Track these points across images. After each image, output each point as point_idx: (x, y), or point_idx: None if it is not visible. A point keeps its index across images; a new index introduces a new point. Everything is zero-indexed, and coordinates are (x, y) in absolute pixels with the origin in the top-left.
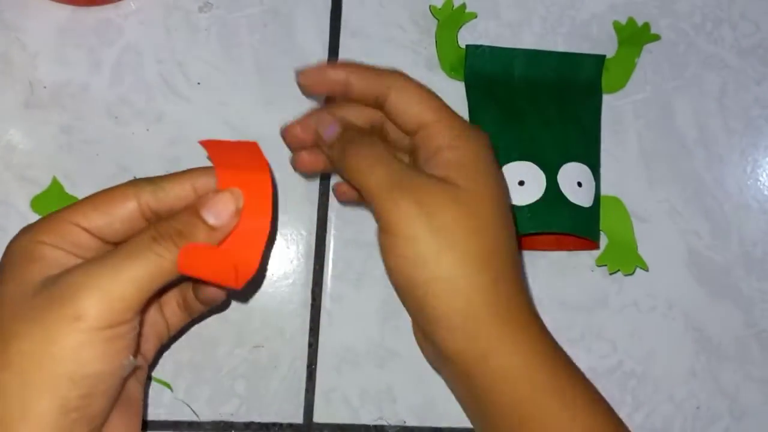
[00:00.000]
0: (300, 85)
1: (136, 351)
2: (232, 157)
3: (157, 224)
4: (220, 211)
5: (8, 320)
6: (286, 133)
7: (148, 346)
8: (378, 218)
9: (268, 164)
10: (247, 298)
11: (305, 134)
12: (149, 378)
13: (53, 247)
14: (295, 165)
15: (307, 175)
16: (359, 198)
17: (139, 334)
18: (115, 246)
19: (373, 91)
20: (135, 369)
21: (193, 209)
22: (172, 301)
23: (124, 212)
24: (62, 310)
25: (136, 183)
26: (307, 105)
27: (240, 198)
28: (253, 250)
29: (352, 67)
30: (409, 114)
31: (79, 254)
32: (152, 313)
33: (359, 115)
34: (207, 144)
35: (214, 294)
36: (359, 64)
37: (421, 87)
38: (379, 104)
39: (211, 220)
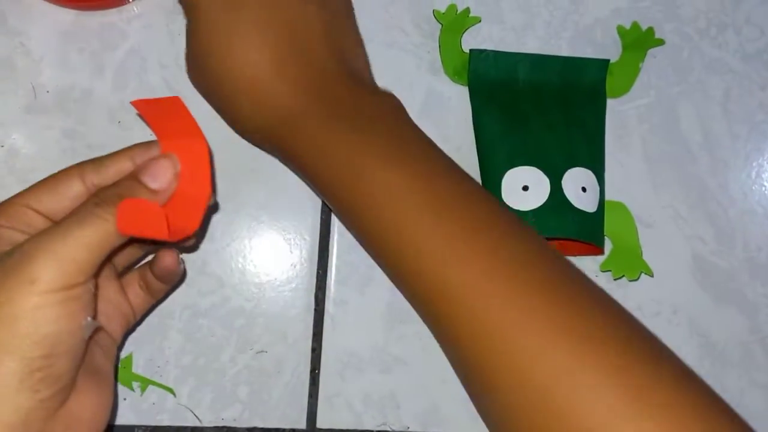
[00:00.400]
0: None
1: (95, 314)
2: (165, 117)
3: (99, 191)
4: (158, 175)
5: None
6: None
7: (114, 327)
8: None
9: (197, 126)
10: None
11: None
12: (153, 383)
13: (8, 228)
14: None
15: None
16: None
17: (95, 296)
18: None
19: None
20: (96, 330)
21: (133, 174)
22: (133, 283)
23: (71, 191)
24: (18, 276)
25: (80, 164)
26: None
27: (177, 163)
28: (194, 210)
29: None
30: None
31: (33, 234)
32: (115, 296)
33: None
34: (138, 104)
35: (169, 266)
36: None
37: None
38: None
39: (151, 183)
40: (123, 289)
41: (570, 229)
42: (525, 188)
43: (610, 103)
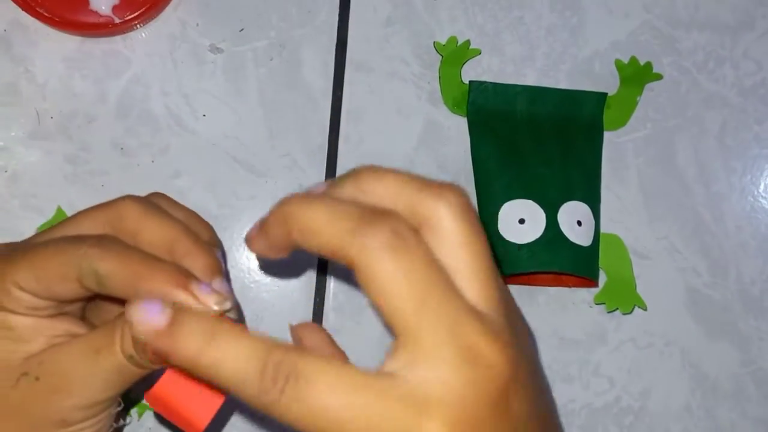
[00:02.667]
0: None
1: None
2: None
3: (133, 340)
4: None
5: None
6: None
7: None
8: None
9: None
10: None
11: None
12: (150, 408)
13: (14, 313)
14: None
15: None
16: None
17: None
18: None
19: None
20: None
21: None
22: None
23: (68, 292)
24: (43, 413)
25: (78, 267)
26: (312, 141)
27: None
28: None
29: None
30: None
31: (40, 314)
32: None
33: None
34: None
35: None
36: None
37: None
38: None
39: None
40: None
41: (565, 263)
42: (521, 221)
43: (607, 136)
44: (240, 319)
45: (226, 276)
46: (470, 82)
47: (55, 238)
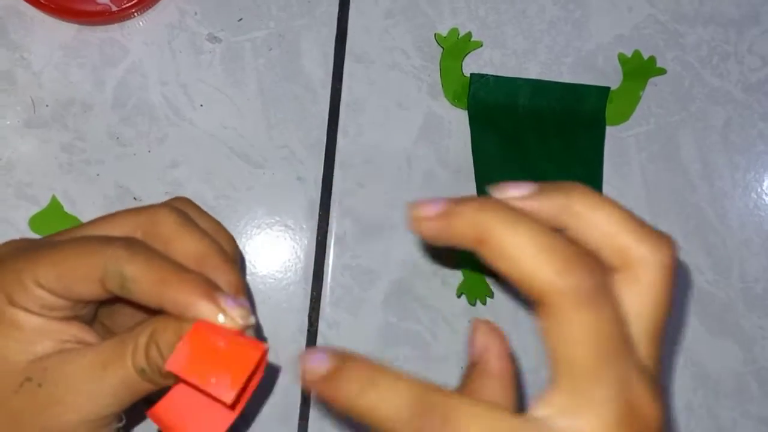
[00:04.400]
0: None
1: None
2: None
3: (146, 349)
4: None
5: None
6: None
7: None
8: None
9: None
10: None
11: None
12: None
13: (26, 311)
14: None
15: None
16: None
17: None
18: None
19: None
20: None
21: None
22: None
23: (88, 293)
24: (43, 423)
25: (104, 267)
26: (310, 133)
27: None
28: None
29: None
30: None
31: (52, 315)
32: None
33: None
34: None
35: None
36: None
37: None
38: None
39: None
40: None
41: None
42: None
43: (610, 131)
44: (261, 337)
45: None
46: (471, 74)
47: (81, 236)
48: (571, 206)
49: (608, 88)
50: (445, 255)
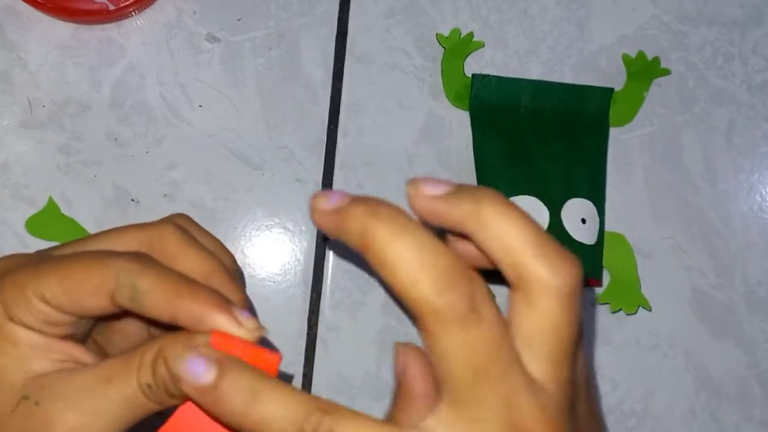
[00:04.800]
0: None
1: None
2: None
3: (152, 365)
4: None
5: None
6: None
7: None
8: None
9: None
10: None
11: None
12: None
13: (24, 327)
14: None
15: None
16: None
17: None
18: (83, 318)
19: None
20: None
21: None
22: None
23: (95, 307)
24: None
25: (115, 280)
26: (310, 134)
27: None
28: None
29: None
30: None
31: (51, 332)
32: None
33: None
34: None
35: None
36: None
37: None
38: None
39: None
40: None
41: None
42: None
43: (613, 132)
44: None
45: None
46: (473, 75)
47: (88, 251)
48: (479, 213)
49: (612, 89)
50: None
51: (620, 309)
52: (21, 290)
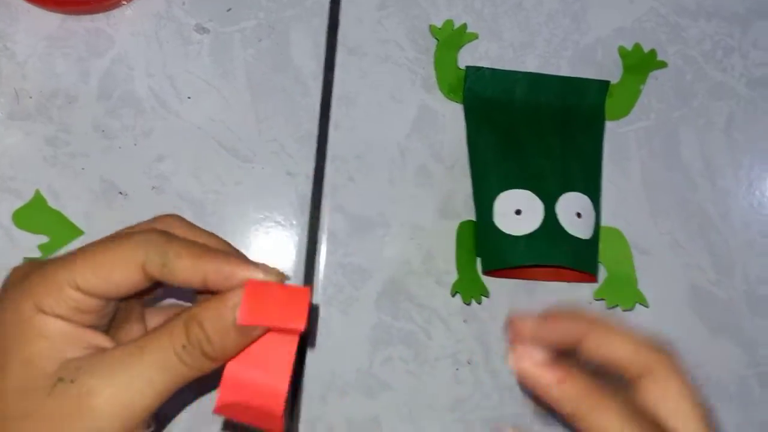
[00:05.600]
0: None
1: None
2: (274, 299)
3: (186, 328)
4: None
5: (19, 418)
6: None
7: None
8: None
9: (304, 320)
10: None
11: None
12: None
13: (55, 317)
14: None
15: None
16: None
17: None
18: (112, 300)
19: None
20: None
21: (222, 311)
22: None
23: (127, 281)
24: (80, 423)
25: (145, 250)
26: (301, 126)
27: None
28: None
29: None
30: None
31: (80, 320)
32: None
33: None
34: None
35: None
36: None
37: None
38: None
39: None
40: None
41: (563, 257)
42: (518, 212)
43: (609, 126)
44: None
45: None
46: (467, 67)
47: (110, 236)
48: (598, 334)
49: (608, 82)
50: (440, 254)
51: (617, 305)
52: (53, 280)
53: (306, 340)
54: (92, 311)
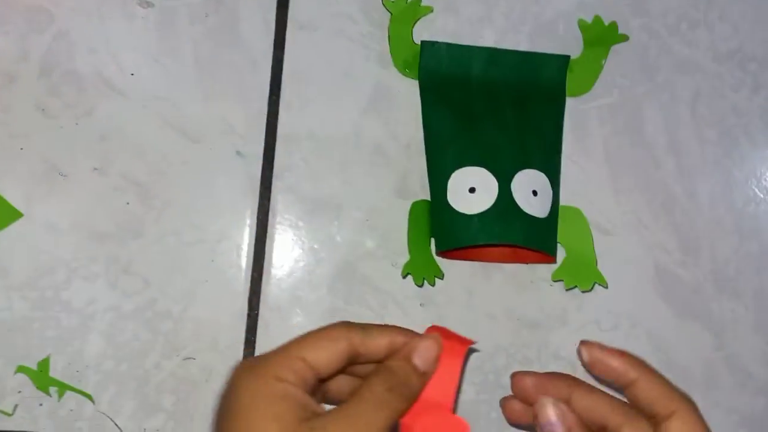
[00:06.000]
0: (581, 358)
1: None
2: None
3: (384, 374)
4: (425, 355)
5: None
6: (513, 385)
7: None
8: None
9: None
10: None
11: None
12: (71, 389)
13: (291, 384)
14: (504, 412)
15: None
16: (534, 420)
17: None
18: (319, 381)
19: (653, 411)
20: None
21: (405, 355)
22: None
23: (338, 352)
24: None
25: (347, 325)
26: (250, 105)
27: (439, 345)
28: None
29: (646, 373)
30: None
31: (305, 388)
32: None
33: (593, 411)
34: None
35: None
36: (650, 370)
37: None
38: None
39: (418, 362)
40: None
41: (516, 235)
42: (472, 190)
43: (571, 102)
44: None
45: None
46: (422, 42)
47: (318, 330)
48: (627, 374)
49: (568, 57)
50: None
51: (575, 286)
52: (288, 356)
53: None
54: (309, 382)
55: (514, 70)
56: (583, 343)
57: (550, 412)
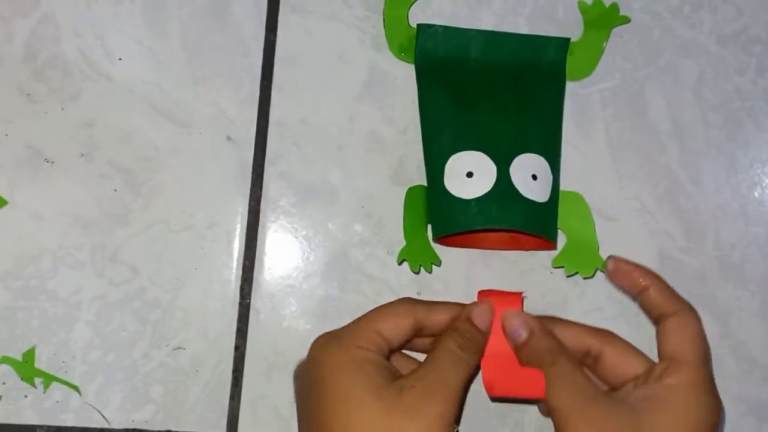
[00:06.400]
0: (607, 269)
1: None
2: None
3: (454, 335)
4: (481, 315)
5: (376, 418)
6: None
7: None
8: None
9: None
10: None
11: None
12: (57, 380)
13: (370, 351)
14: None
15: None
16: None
17: None
18: (390, 350)
19: (659, 312)
20: None
21: (466, 317)
22: None
23: (405, 325)
24: (419, 410)
25: (411, 303)
26: (241, 89)
27: (492, 309)
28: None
29: (657, 282)
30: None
31: (381, 354)
32: None
33: (575, 339)
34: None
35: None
36: (661, 280)
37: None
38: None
39: (476, 321)
40: None
41: (515, 219)
42: (469, 174)
43: (571, 86)
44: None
45: None
46: (418, 25)
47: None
48: (640, 280)
49: (568, 39)
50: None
51: (576, 272)
52: (366, 327)
53: None
54: (383, 350)
55: (512, 53)
56: (610, 256)
57: (515, 321)
